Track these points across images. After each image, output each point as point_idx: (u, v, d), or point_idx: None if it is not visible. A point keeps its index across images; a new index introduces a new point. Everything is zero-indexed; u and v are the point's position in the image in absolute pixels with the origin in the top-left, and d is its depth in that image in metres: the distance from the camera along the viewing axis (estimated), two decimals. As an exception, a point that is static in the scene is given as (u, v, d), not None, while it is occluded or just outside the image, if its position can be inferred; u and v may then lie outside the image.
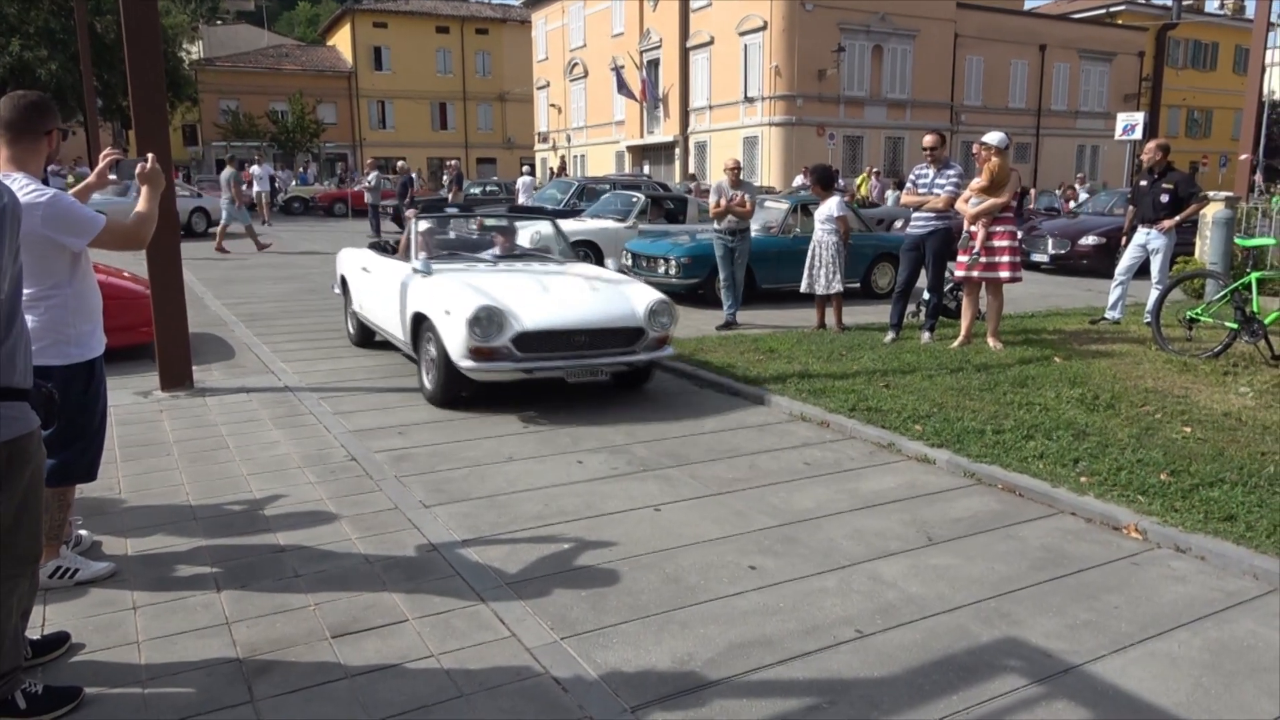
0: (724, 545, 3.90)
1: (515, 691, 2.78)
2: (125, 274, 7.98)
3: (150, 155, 3.37)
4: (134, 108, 6.11)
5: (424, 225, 7.05)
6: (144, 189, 3.31)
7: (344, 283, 8.38)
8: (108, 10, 30.58)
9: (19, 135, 3.05)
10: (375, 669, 2.88)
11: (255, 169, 27.20)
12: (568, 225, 13.36)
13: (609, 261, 7.12)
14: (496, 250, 7.21)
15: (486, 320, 5.57)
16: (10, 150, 3.05)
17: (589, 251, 12.50)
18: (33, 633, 2.92)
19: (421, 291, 6.16)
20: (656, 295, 6.26)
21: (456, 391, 5.94)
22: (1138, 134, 21.42)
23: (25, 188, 2.99)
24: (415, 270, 6.32)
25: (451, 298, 5.78)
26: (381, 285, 7.05)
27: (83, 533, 3.79)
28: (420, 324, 6.18)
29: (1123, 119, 22.24)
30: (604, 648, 3.04)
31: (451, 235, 7.76)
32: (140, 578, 3.51)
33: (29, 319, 3.07)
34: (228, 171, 17.51)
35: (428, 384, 6.17)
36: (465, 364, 5.63)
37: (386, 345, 7.37)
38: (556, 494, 4.49)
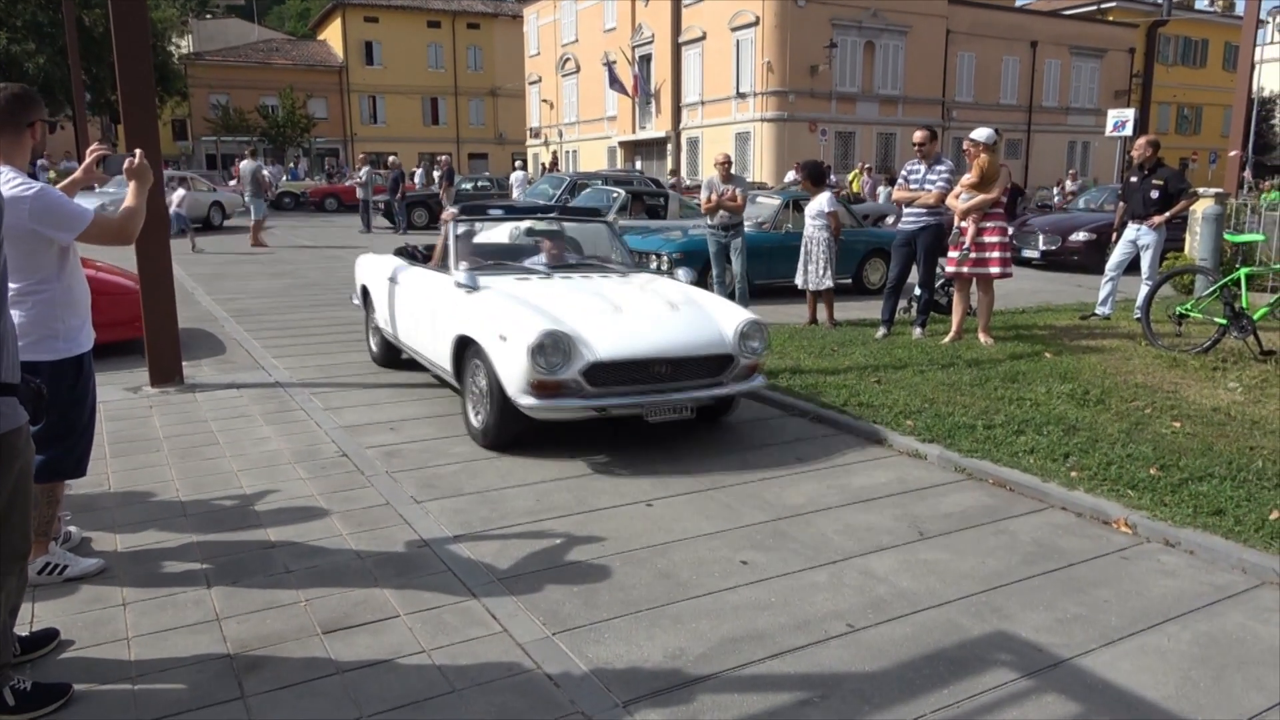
0: (715, 540, 3.90)
1: (507, 687, 2.77)
2: (98, 263, 7.93)
3: (138, 150, 3.35)
4: (123, 102, 6.07)
5: (462, 229, 6.10)
6: (131, 184, 3.29)
7: (365, 294, 7.35)
8: (96, 4, 30.39)
9: (1, 128, 3.02)
10: (367, 665, 2.88)
11: (245, 164, 27.10)
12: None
13: (680, 272, 6.17)
14: (544, 258, 6.16)
15: (552, 348, 4.59)
16: None
17: None
18: (21, 629, 2.90)
19: (467, 311, 5.20)
20: (747, 315, 5.30)
21: (512, 431, 4.98)
22: (1128, 130, 21.50)
23: (11, 181, 2.97)
24: (458, 284, 5.36)
25: (507, 320, 4.83)
26: (414, 300, 6.08)
27: (72, 529, 3.77)
28: (465, 349, 5.24)
29: (1113, 115, 22.34)
30: (596, 643, 3.04)
31: (491, 240, 6.64)
32: (130, 574, 3.49)
33: (16, 314, 3.05)
34: (248, 163, 17.77)
35: (475, 421, 5.19)
36: (525, 401, 4.67)
37: (415, 364, 6.50)
38: (548, 489, 4.49)
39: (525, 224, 6.90)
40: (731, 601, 3.35)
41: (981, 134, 7.85)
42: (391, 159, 24.78)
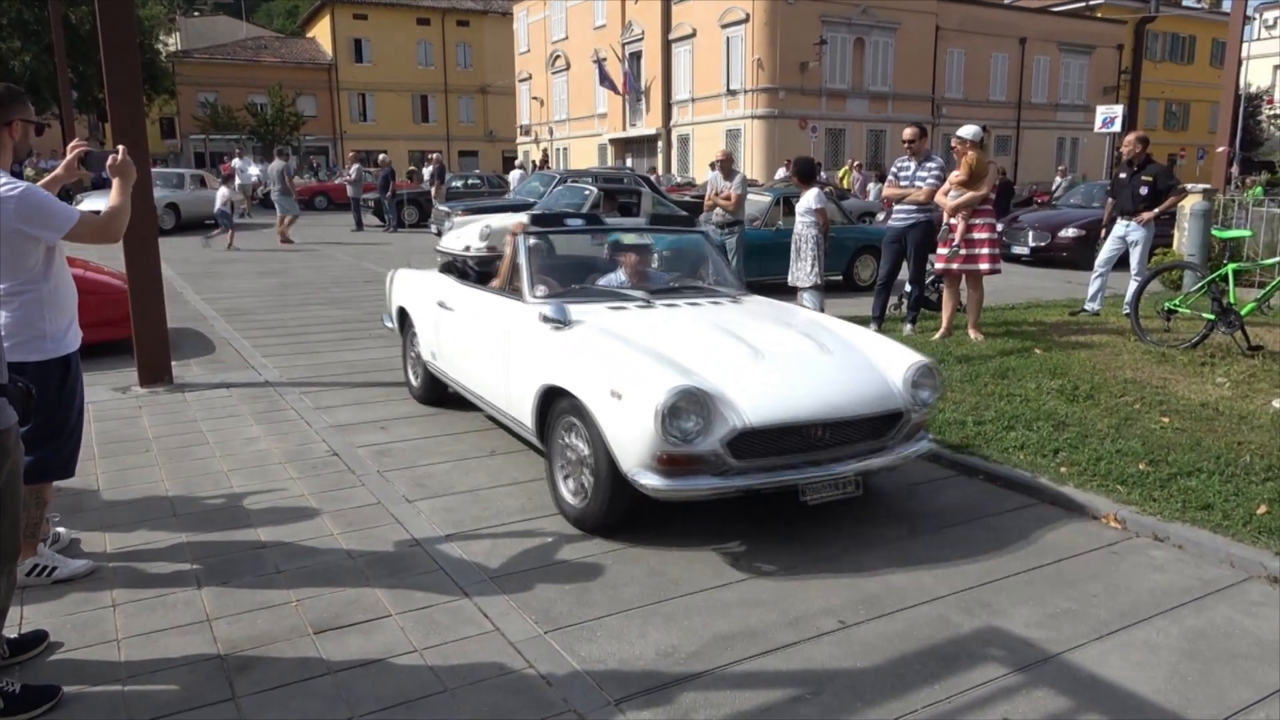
0: (705, 536, 3.90)
1: (499, 685, 2.77)
2: (85, 262, 7.88)
3: (121, 147, 3.32)
4: (110, 100, 6.03)
5: (536, 243, 4.98)
6: (115, 181, 3.26)
7: (403, 317, 6.24)
8: (82, 1, 30.16)
9: None
10: (358, 664, 2.87)
11: (236, 162, 27.05)
12: (517, 218, 13.17)
13: (806, 297, 4.87)
14: (623, 277, 5.06)
15: (688, 411, 3.48)
16: None
17: None
18: (10, 631, 2.89)
19: (559, 353, 4.08)
20: (915, 358, 4.16)
21: (624, 514, 3.86)
22: (1117, 126, 21.56)
23: (-4, 181, 2.94)
24: (545, 318, 4.20)
25: (622, 370, 3.73)
26: (476, 332, 4.99)
27: (61, 530, 3.75)
28: (554, 403, 4.11)
29: (1102, 111, 22.40)
30: (588, 641, 3.04)
31: (560, 256, 5.40)
32: (119, 575, 3.48)
33: (2, 315, 3.04)
34: (276, 164, 18.09)
35: (570, 497, 4.03)
36: (648, 480, 3.55)
37: (466, 402, 5.45)
38: (540, 488, 4.47)
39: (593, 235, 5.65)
40: (723, 599, 3.35)
41: (968, 131, 7.87)
42: (381, 157, 24.69)
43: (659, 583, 3.47)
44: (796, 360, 4.02)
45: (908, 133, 8.27)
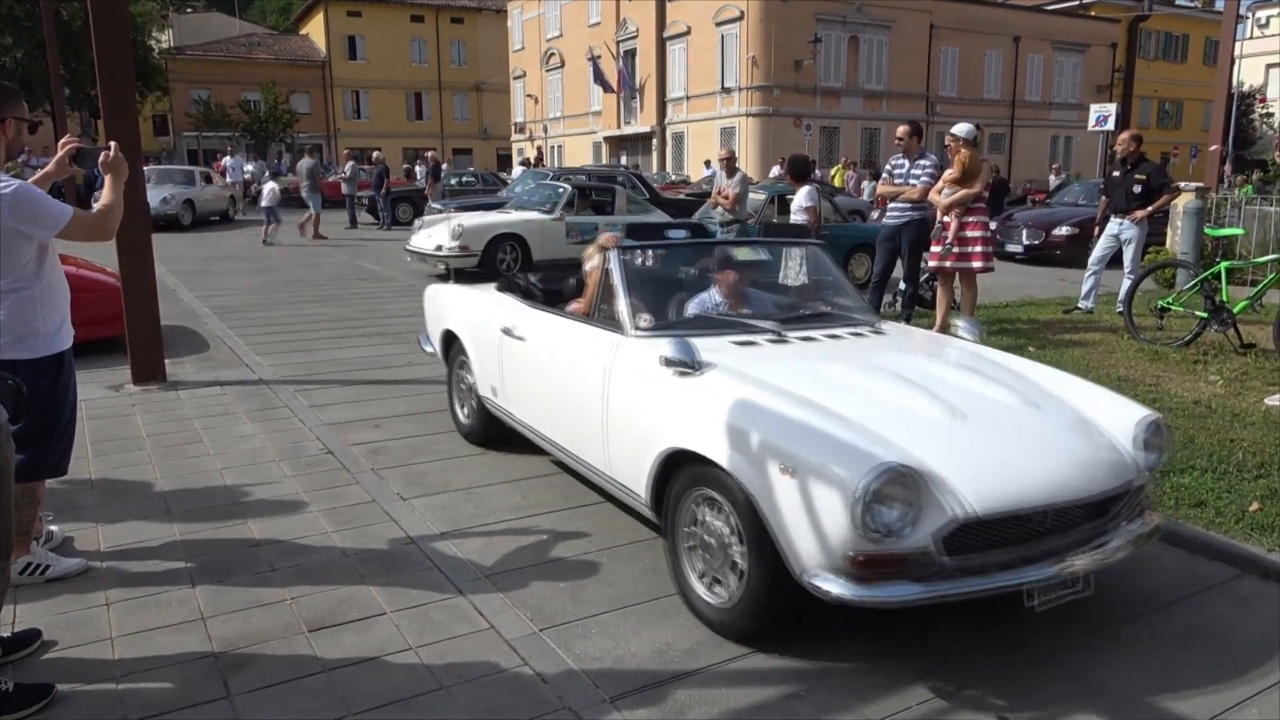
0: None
1: (494, 683, 2.77)
2: (78, 260, 7.85)
3: (113, 144, 3.31)
4: (102, 97, 6.01)
5: (632, 260, 4.01)
6: (107, 178, 3.25)
7: (450, 342, 5.30)
8: (74, -3, 30.02)
9: None
10: (353, 662, 2.87)
11: (228, 160, 27.01)
12: (491, 217, 12.67)
13: (962, 325, 4.11)
14: (719, 297, 4.13)
15: (898, 497, 2.64)
16: None
17: (515, 246, 12.12)
18: (3, 630, 2.88)
19: (692, 407, 3.16)
20: (1140, 410, 3.33)
21: (785, 623, 3.03)
22: (1110, 125, 21.63)
23: (-11, 179, 2.93)
24: (669, 361, 3.24)
25: (797, 438, 2.82)
26: (559, 369, 4.06)
27: (54, 528, 3.74)
28: (679, 467, 3.20)
29: (1095, 110, 22.47)
30: (583, 638, 3.04)
31: (646, 273, 4.25)
32: (113, 573, 3.47)
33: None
34: (306, 161, 18.70)
35: (704, 593, 3.14)
36: (832, 587, 2.68)
37: (524, 444, 4.61)
38: (534, 485, 4.48)
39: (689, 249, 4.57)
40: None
41: (962, 129, 7.88)
42: (376, 154, 24.65)
43: (654, 580, 3.47)
44: (1006, 422, 3.10)
45: (901, 131, 8.28)
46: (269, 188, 18.01)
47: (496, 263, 12.07)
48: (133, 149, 5.39)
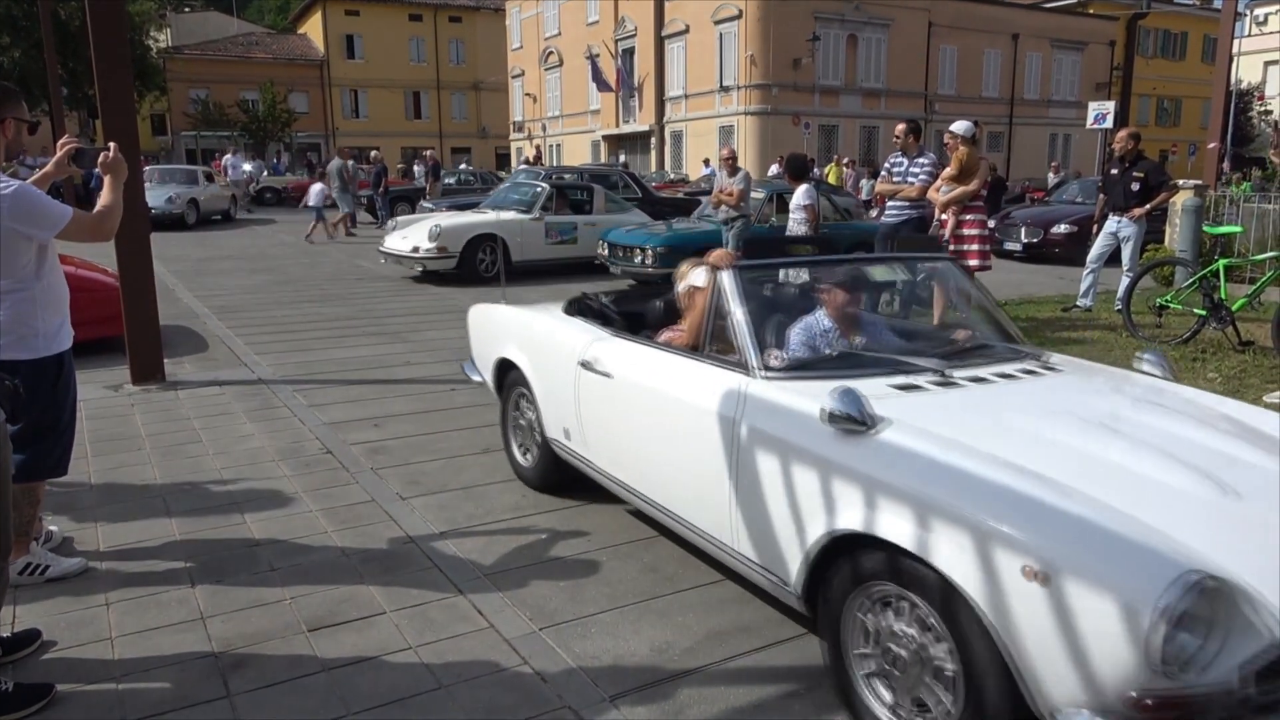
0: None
1: (494, 682, 2.78)
2: (76, 260, 7.84)
3: (112, 145, 3.31)
4: (100, 97, 6.01)
5: (754, 281, 3.32)
6: (107, 179, 3.25)
7: (504, 372, 4.56)
8: (72, -3, 30.01)
9: None
10: (353, 662, 2.87)
11: (227, 158, 27.04)
12: (468, 217, 12.37)
13: (1147, 358, 3.13)
14: (827, 322, 3.42)
15: (1205, 615, 1.92)
16: None
17: (491, 247, 11.84)
18: (3, 630, 2.88)
19: (873, 479, 2.43)
20: None
21: None
22: (1109, 123, 21.64)
23: (-12, 179, 2.93)
24: (834, 415, 2.55)
25: (1049, 531, 2.07)
26: (662, 417, 3.31)
27: (53, 529, 3.74)
28: (849, 552, 2.50)
29: (1094, 108, 22.48)
30: (582, 638, 3.04)
31: (763, 296, 3.50)
32: (112, 573, 3.47)
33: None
34: (336, 162, 19.09)
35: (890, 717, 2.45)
36: None
37: (590, 487, 4.04)
38: (534, 485, 4.48)
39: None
40: (718, 595, 3.35)
41: (960, 127, 7.89)
42: (374, 153, 24.64)
43: (653, 579, 3.47)
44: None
45: (899, 129, 8.30)
46: (317, 188, 18.30)
47: (476, 264, 11.87)
48: (131, 149, 5.38)
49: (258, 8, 74.17)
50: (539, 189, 13.04)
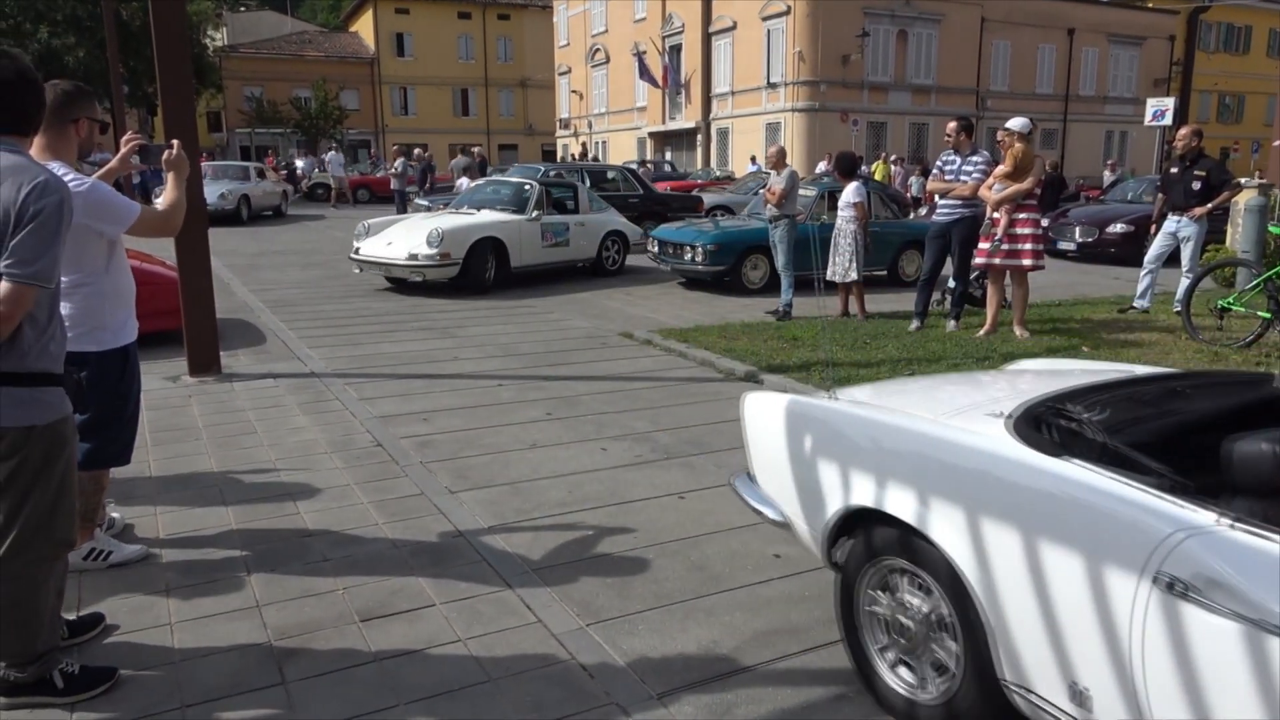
0: (748, 533, 3.89)
1: (541, 677, 2.79)
2: (138, 253, 8.02)
3: (175, 142, 3.39)
4: (161, 94, 6.16)
5: None
6: (170, 175, 3.33)
7: (860, 525, 2.67)
8: (134, -3, 30.80)
9: (49, 124, 3.07)
10: (402, 653, 2.91)
11: (458, 160, 27.46)
12: (469, 219, 11.02)
13: None
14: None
15: None
16: (43, 138, 3.08)
17: (493, 251, 10.75)
18: (68, 614, 2.96)
19: None
20: None
21: None
22: (1168, 119, 21.09)
23: (65, 176, 3.01)
24: None
25: None
26: None
27: (116, 515, 3.84)
28: None
29: (1152, 104, 21.90)
30: (630, 634, 3.05)
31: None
32: (172, 560, 3.56)
33: (65, 307, 3.10)
34: (462, 160, 19.88)
35: None
36: None
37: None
38: (581, 480, 4.50)
39: None
40: (765, 595, 3.34)
41: (1016, 123, 7.75)
42: (417, 151, 24.96)
43: (700, 578, 3.47)
44: None
45: (950, 127, 8.17)
46: (463, 181, 18.24)
47: (482, 272, 10.70)
48: (190, 145, 5.51)
49: (310, 6, 75.38)
50: (528, 187, 11.80)
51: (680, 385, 6.48)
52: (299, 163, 29.38)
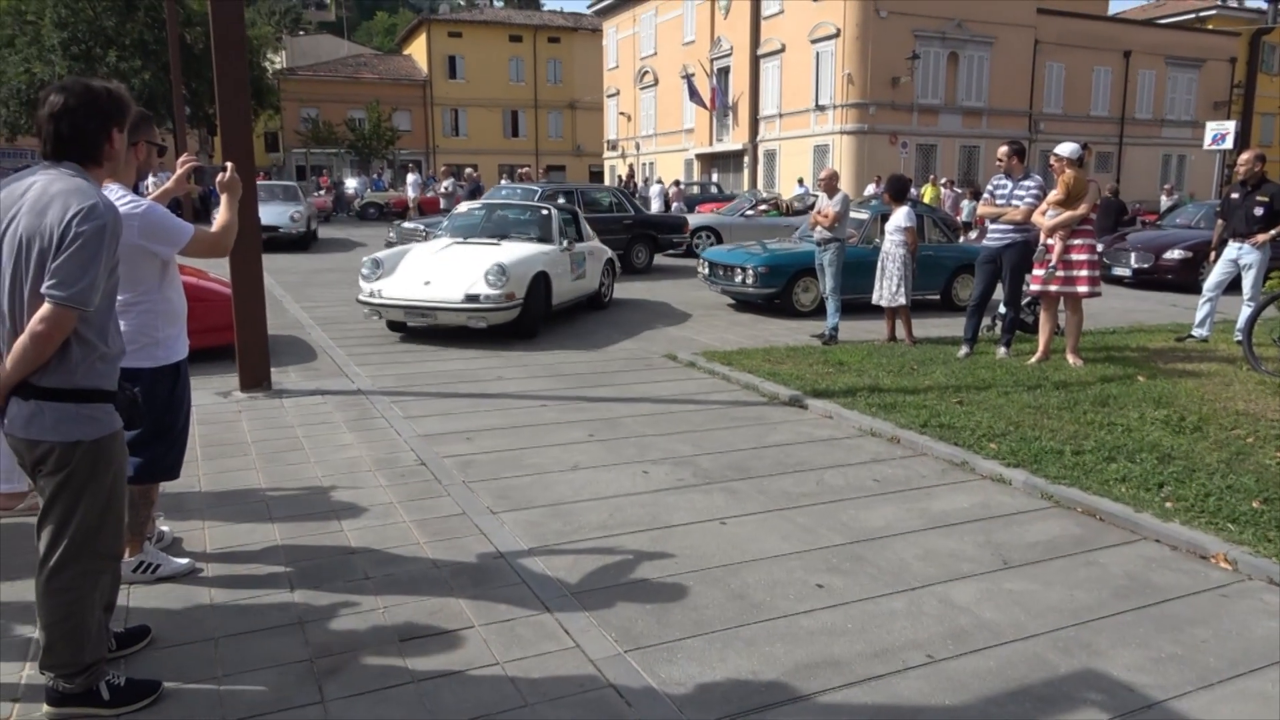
0: (791, 562, 3.83)
1: (578, 702, 2.77)
2: (192, 269, 8.21)
3: (229, 164, 3.46)
4: (220, 115, 6.32)
5: None
6: (224, 196, 3.41)
7: None
8: (197, 22, 31.81)
9: None
10: (441, 675, 2.91)
11: (412, 177, 27.95)
12: (521, 251, 9.25)
13: None
14: None
15: None
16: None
17: (541, 287, 9.11)
18: (115, 626, 3.01)
19: None
20: None
21: None
22: (1228, 143, 20.60)
23: (121, 199, 3.11)
24: None
25: None
26: None
27: (165, 529, 3.91)
28: None
29: (1212, 128, 21.42)
30: (668, 662, 3.01)
31: None
32: (217, 575, 3.60)
33: (119, 323, 3.18)
34: (449, 182, 19.90)
35: None
36: None
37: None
38: (621, 504, 4.48)
39: None
40: (806, 626, 3.28)
41: (1066, 149, 7.62)
42: (468, 171, 25.30)
43: (740, 607, 3.42)
44: None
45: (1001, 151, 8.06)
46: (447, 182, 18.53)
47: (540, 312, 9.19)
48: (246, 165, 5.64)
49: (366, 30, 77.18)
50: (546, 212, 10.40)
51: (723, 409, 6.44)
52: (351, 182, 29.89)
